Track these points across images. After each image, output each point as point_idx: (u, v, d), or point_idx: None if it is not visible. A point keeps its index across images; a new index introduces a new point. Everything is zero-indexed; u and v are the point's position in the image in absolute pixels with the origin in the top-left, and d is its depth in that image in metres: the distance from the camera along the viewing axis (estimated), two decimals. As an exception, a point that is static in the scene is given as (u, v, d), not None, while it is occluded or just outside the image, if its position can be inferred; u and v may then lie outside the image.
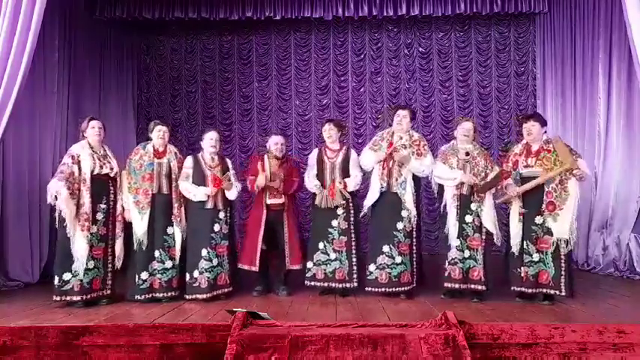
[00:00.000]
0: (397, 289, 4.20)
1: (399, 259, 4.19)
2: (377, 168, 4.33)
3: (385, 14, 6.62)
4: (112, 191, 4.15)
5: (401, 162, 4.22)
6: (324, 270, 4.38)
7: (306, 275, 4.45)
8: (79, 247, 3.93)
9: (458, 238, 4.14)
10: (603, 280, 5.24)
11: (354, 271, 4.33)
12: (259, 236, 4.39)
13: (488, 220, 4.10)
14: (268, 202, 4.44)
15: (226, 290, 4.26)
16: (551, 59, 6.80)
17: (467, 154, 4.22)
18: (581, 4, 6.24)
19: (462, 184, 4.15)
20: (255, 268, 4.38)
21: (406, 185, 4.22)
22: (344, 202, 4.36)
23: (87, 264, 3.95)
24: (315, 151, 4.67)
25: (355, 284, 4.33)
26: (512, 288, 4.09)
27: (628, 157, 5.54)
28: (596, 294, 4.43)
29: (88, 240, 3.95)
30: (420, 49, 7.68)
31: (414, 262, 4.29)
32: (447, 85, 7.65)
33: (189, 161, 4.31)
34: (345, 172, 4.43)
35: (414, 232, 4.30)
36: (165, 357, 3.18)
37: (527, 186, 4.00)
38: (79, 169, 3.99)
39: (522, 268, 4.03)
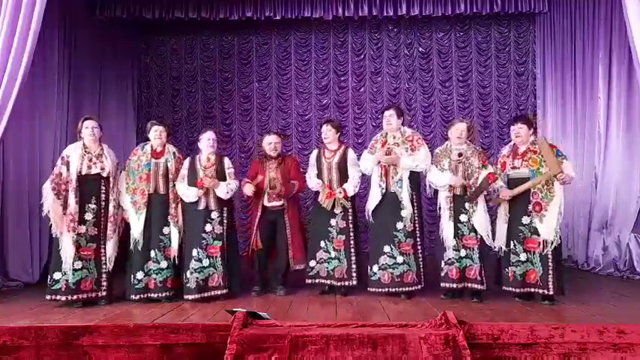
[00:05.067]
0: (400, 289, 4.19)
1: (400, 259, 4.19)
2: (375, 170, 4.36)
3: (385, 14, 6.63)
4: (103, 191, 4.10)
5: (390, 164, 4.24)
6: (327, 268, 4.40)
7: (309, 274, 4.46)
8: (65, 247, 3.93)
9: (454, 238, 4.15)
10: (603, 280, 5.25)
11: (354, 270, 4.33)
12: (253, 235, 4.42)
13: (478, 222, 4.10)
14: (267, 204, 4.45)
15: (219, 292, 4.18)
16: (551, 59, 6.81)
17: (460, 154, 4.23)
18: (581, 4, 6.25)
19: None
20: (253, 250, 4.44)
21: (402, 184, 4.23)
22: (342, 210, 4.37)
23: (74, 264, 3.93)
24: (315, 152, 4.69)
25: (354, 282, 4.33)
26: (502, 288, 4.11)
27: (628, 157, 5.54)
28: (596, 294, 4.43)
29: (73, 240, 3.94)
30: (420, 49, 7.68)
31: (420, 263, 4.28)
32: (447, 85, 7.65)
33: (186, 162, 4.32)
34: (342, 173, 4.43)
35: (417, 232, 4.29)
36: (165, 357, 3.18)
37: (519, 190, 4.00)
38: (68, 169, 4.00)
39: (510, 268, 4.05)
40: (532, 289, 3.99)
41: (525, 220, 4.00)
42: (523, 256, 4.01)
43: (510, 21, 7.51)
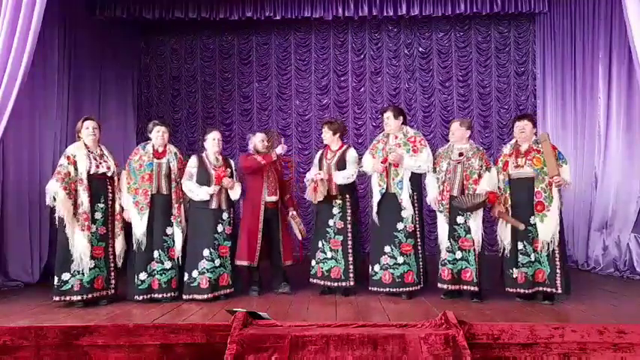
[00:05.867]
0: (401, 289, 4.20)
1: (401, 260, 4.19)
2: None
3: (385, 14, 6.62)
4: (109, 190, 4.13)
5: (396, 162, 4.23)
6: (322, 268, 4.42)
7: (311, 273, 4.50)
8: (81, 246, 3.92)
9: (448, 239, 4.16)
10: (603, 280, 5.24)
11: (350, 270, 4.33)
12: (259, 233, 4.42)
13: (476, 225, 4.09)
14: (267, 199, 4.47)
15: (228, 291, 4.26)
16: (551, 59, 6.80)
17: (460, 154, 4.23)
18: (581, 4, 6.24)
19: (451, 185, 4.17)
20: (255, 264, 4.41)
21: (403, 185, 4.22)
22: (339, 200, 4.37)
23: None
24: (320, 152, 4.71)
25: (351, 283, 4.33)
26: (506, 289, 4.09)
27: (628, 157, 5.53)
28: (596, 294, 4.43)
29: (89, 239, 3.95)
30: (420, 49, 7.68)
31: (420, 263, 4.28)
32: (447, 85, 7.65)
33: (193, 161, 4.32)
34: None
35: (417, 233, 4.29)
36: (165, 357, 3.18)
37: (509, 221, 4.02)
38: (76, 169, 3.99)
39: (516, 269, 4.03)
40: (541, 288, 3.99)
41: (533, 219, 3.99)
42: (532, 256, 4.00)
43: (510, 21, 7.51)
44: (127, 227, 4.21)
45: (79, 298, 3.93)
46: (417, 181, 4.36)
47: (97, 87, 6.61)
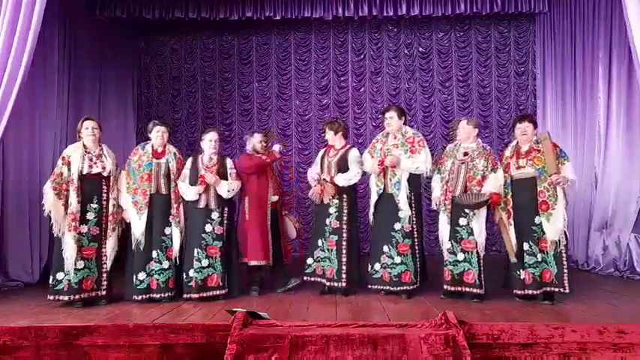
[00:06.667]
0: (398, 288, 4.21)
1: (398, 259, 4.19)
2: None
3: (385, 14, 6.63)
4: (104, 191, 4.11)
5: (392, 165, 4.23)
6: (322, 266, 4.42)
7: (306, 271, 4.49)
8: (67, 247, 3.93)
9: (449, 240, 4.14)
10: (603, 280, 5.24)
11: (343, 271, 4.31)
12: (269, 232, 4.46)
13: (478, 227, 4.07)
14: (273, 199, 4.55)
15: (218, 292, 4.18)
16: (551, 59, 6.81)
17: (465, 154, 4.21)
18: (581, 4, 6.25)
19: (453, 186, 4.16)
20: (271, 263, 4.42)
21: (400, 186, 4.22)
22: (336, 200, 4.37)
23: (76, 264, 3.93)
24: (322, 150, 4.72)
25: (343, 284, 4.31)
26: (514, 291, 4.07)
27: (628, 157, 5.53)
28: (596, 294, 4.43)
29: (76, 240, 3.94)
30: (420, 49, 7.68)
31: (417, 262, 4.28)
32: (447, 85, 7.65)
33: (188, 162, 4.33)
34: (342, 171, 4.42)
35: (415, 233, 4.29)
36: (165, 357, 3.18)
37: (506, 238, 4.06)
38: (69, 169, 3.99)
39: (523, 270, 4.01)
40: (548, 289, 3.97)
41: (537, 219, 3.98)
42: (539, 257, 3.99)
43: (510, 21, 7.52)
44: (127, 227, 4.21)
45: (67, 298, 3.92)
46: (415, 181, 4.35)
47: (97, 87, 6.61)
